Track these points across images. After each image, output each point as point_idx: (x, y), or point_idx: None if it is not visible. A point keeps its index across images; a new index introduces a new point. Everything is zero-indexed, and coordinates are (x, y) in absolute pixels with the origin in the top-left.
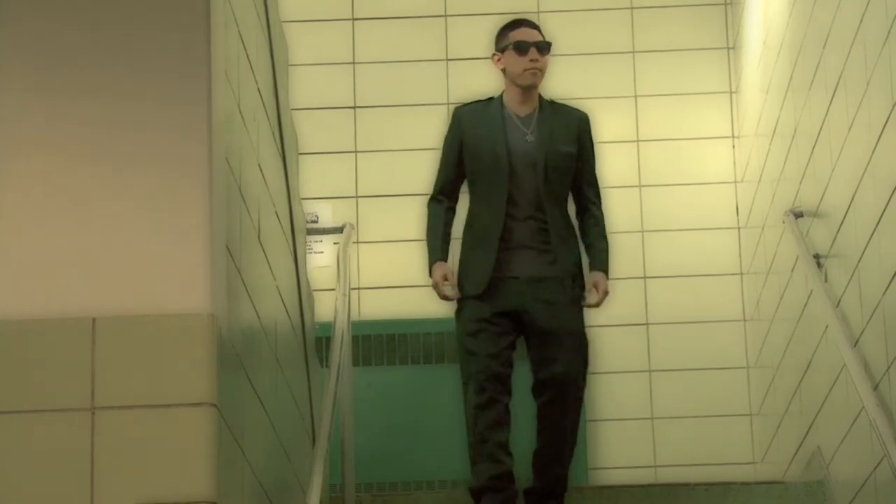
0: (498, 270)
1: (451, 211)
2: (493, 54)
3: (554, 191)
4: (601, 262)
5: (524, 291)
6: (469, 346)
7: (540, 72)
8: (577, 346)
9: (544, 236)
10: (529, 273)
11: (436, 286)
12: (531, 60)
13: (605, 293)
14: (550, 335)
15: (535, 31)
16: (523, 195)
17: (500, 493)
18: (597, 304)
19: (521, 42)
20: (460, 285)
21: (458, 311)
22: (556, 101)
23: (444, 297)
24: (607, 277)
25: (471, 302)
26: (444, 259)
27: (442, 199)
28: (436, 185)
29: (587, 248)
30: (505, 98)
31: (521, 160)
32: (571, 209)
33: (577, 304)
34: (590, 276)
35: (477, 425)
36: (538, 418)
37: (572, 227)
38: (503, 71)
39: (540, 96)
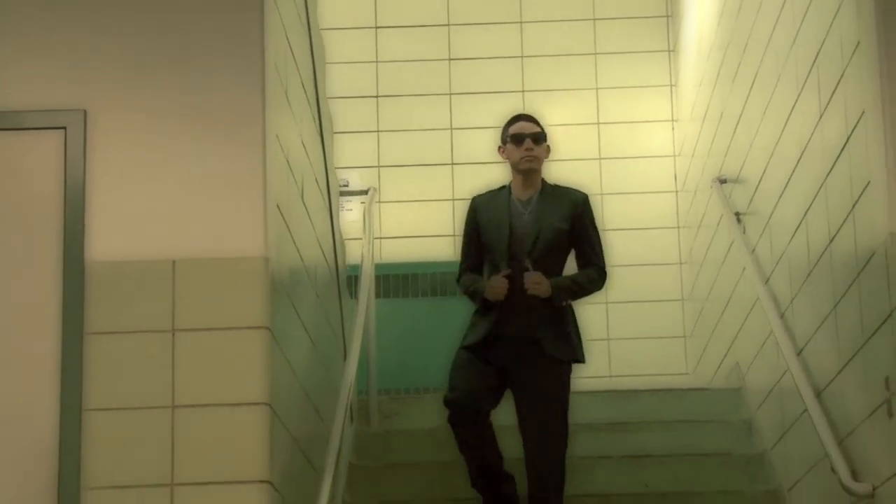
0: (497, 327)
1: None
2: (499, 147)
3: (542, 264)
4: (566, 278)
5: (513, 350)
6: (452, 377)
7: (535, 159)
8: (551, 402)
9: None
10: (519, 334)
11: (502, 287)
12: (526, 150)
13: (535, 284)
14: (526, 391)
15: (531, 124)
16: (517, 265)
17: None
18: (533, 283)
19: (517, 134)
20: (465, 338)
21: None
22: (560, 185)
23: (498, 293)
24: (552, 294)
25: (463, 352)
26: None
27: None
28: (462, 265)
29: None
30: (511, 185)
31: (519, 236)
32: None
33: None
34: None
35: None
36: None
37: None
38: (508, 160)
39: (543, 181)
